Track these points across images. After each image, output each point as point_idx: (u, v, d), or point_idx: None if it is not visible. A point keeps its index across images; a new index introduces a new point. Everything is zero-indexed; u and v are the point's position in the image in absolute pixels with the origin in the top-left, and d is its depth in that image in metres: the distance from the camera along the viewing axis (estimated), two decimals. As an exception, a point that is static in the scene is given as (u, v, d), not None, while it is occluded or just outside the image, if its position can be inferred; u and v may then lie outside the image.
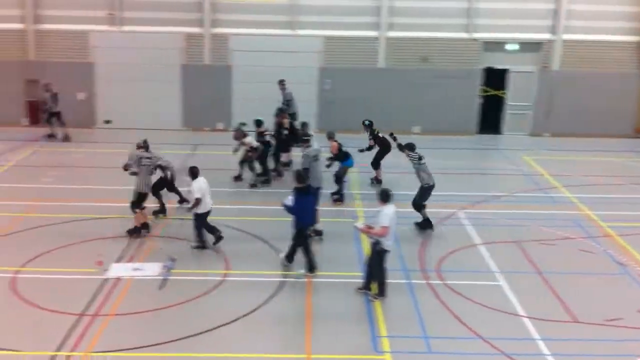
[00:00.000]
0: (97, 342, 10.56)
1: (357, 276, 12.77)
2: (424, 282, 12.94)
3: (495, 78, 25.56)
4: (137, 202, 14.68)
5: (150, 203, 15.27)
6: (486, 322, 11.47)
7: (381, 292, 12.15)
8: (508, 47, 25.33)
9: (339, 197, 17.36)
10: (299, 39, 24.91)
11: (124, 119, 24.79)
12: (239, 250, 14.15)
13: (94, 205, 16.29)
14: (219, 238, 14.16)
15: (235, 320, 11.35)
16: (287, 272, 13.15)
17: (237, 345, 10.68)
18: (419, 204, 15.54)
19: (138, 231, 14.71)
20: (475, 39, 25.00)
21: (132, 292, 12.25)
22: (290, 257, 13.35)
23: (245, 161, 18.33)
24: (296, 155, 19.55)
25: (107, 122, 25.03)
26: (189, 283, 12.66)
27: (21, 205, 16.28)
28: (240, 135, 18.03)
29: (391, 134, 17.50)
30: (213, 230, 14.19)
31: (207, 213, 14.01)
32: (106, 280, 12.65)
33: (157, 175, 15.70)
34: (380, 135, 18.65)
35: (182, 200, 16.14)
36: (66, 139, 23.10)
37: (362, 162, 18.72)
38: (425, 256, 14.13)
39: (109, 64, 24.69)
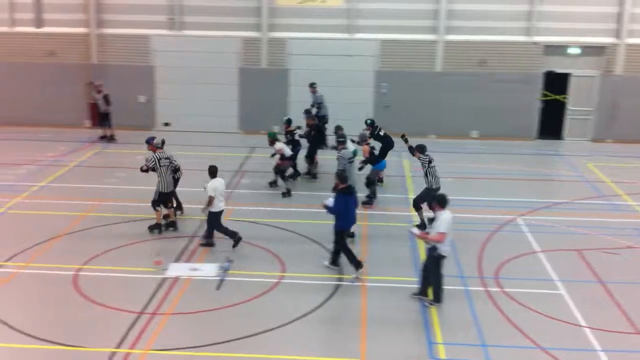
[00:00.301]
0: (155, 340, 10.72)
1: (413, 281, 12.66)
2: (482, 289, 12.73)
3: (556, 82, 25.02)
4: (158, 201, 15.07)
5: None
6: (546, 331, 11.22)
7: (437, 298, 12.01)
8: (570, 50, 24.75)
9: (368, 200, 17.19)
10: (355, 42, 24.87)
11: (182, 122, 25.19)
12: (295, 253, 14.19)
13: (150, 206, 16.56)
14: (237, 240, 14.31)
15: (291, 322, 11.38)
16: (342, 275, 13.12)
17: (292, 348, 10.70)
18: (417, 203, 15.54)
19: (159, 227, 15.07)
20: (536, 43, 24.52)
21: (189, 292, 12.41)
22: (335, 261, 13.37)
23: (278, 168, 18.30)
24: (321, 157, 19.81)
25: (166, 124, 25.46)
26: (245, 284, 12.75)
27: (82, 204, 16.67)
28: (271, 141, 18.06)
29: (403, 136, 17.15)
30: (229, 232, 14.33)
31: (220, 212, 14.20)
32: (164, 279, 12.84)
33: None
34: (381, 133, 18.25)
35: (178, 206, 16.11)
36: (111, 139, 23.61)
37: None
38: (483, 263, 13.90)
39: (168, 67, 25.13)
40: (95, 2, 24.74)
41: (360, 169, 17.11)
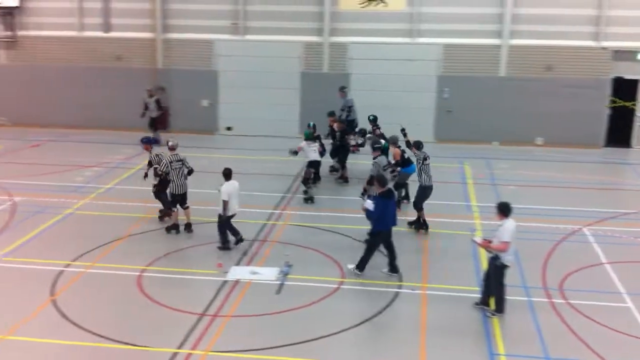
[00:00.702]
0: (215, 341, 10.84)
1: (475, 291, 12.45)
2: (546, 300, 12.42)
3: (625, 88, 24.29)
4: (172, 202, 15.46)
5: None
6: (612, 346, 10.86)
7: (499, 309, 11.77)
8: (640, 56, 24.06)
9: (403, 199, 17.38)
10: (417, 47, 24.70)
11: (243, 126, 25.48)
12: (355, 259, 14.13)
13: (213, 209, 16.77)
14: (223, 248, 14.43)
15: (350, 328, 11.34)
16: (402, 283, 13.02)
17: (350, 354, 10.67)
18: (418, 204, 15.67)
19: (176, 227, 15.40)
20: (604, 48, 23.87)
21: (250, 295, 12.50)
22: (362, 267, 13.37)
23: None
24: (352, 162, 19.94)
25: (228, 128, 25.78)
26: (304, 289, 12.76)
27: (146, 207, 17.00)
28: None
29: (402, 130, 17.28)
30: (225, 238, 14.44)
31: (231, 216, 14.35)
32: (225, 282, 12.98)
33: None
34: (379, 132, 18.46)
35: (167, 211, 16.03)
36: (156, 142, 24.07)
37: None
38: (547, 273, 13.57)
39: (231, 71, 25.46)
40: (161, 7, 25.28)
41: (392, 171, 16.40)
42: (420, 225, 15.79)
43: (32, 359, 10.21)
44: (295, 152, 18.32)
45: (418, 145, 15.71)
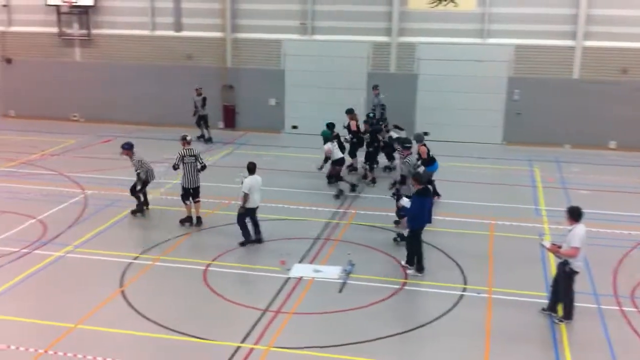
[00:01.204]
0: (277, 337, 10.91)
1: (542, 296, 12.15)
2: (616, 308, 12.01)
3: None
4: (184, 195, 15.80)
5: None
6: (688, 358, 10.43)
7: (567, 315, 11.45)
8: None
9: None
10: (488, 47, 24.29)
11: (309, 125, 25.52)
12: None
13: (277, 207, 16.90)
14: (244, 243, 14.59)
15: (411, 330, 11.23)
16: (466, 285, 12.81)
17: (413, 354, 10.58)
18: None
19: (189, 220, 15.81)
20: (683, 50, 22.98)
21: (312, 293, 12.54)
22: (420, 267, 13.30)
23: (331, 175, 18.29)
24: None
25: (294, 127, 25.92)
26: (367, 289, 12.72)
27: (214, 202, 17.25)
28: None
29: (395, 126, 18.22)
30: (246, 232, 14.61)
31: (254, 209, 14.53)
32: (288, 279, 13.05)
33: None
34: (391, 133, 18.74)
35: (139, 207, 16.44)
36: (209, 140, 24.37)
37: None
38: (618, 281, 13.13)
39: (298, 71, 25.59)
40: (231, 7, 25.62)
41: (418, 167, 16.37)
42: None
43: (100, 348, 10.48)
44: (327, 159, 17.96)
45: (404, 143, 15.67)
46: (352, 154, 19.87)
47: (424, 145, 17.15)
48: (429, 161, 16.99)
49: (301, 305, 12.03)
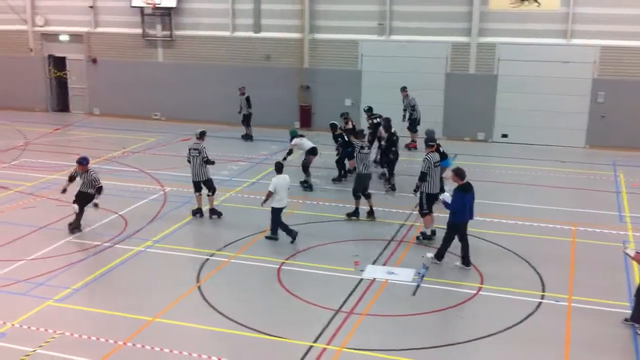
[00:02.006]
0: (350, 338, 10.86)
1: (625, 306, 11.69)
2: None
3: None
4: (195, 189, 16.25)
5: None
6: None
7: (652, 327, 10.98)
8: None
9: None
10: (572, 48, 23.60)
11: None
12: (495, 265, 13.72)
13: (350, 208, 16.84)
14: (293, 237, 14.77)
15: (486, 337, 10.97)
16: (544, 293, 12.45)
17: (488, 363, 10.34)
18: (356, 191, 16.27)
19: (199, 212, 16.34)
20: None
21: (385, 295, 12.44)
22: (440, 256, 13.55)
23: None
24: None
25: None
26: (441, 293, 12.54)
27: (289, 202, 17.32)
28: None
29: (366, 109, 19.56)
30: (286, 229, 14.78)
31: (281, 209, 14.71)
32: (361, 280, 12.99)
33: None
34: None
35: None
36: (249, 138, 24.69)
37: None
38: None
39: (375, 72, 25.50)
40: (309, 8, 25.76)
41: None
42: (355, 213, 16.26)
43: (177, 342, 10.69)
44: (290, 152, 18.80)
45: (357, 134, 16.82)
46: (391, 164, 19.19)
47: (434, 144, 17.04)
48: (441, 158, 16.62)
49: (374, 307, 11.96)
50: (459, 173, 13.34)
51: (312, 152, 18.79)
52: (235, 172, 20.38)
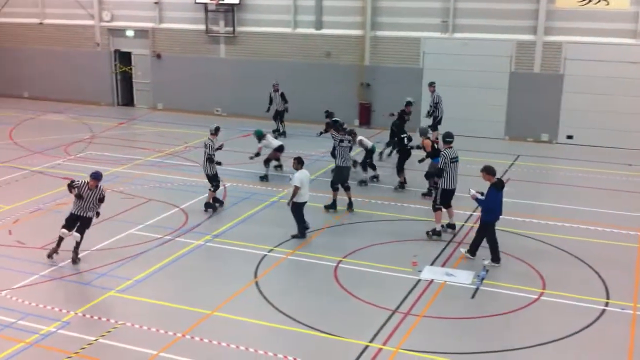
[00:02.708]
0: (406, 340, 10.77)
1: (695, 317, 11.25)
2: None
3: None
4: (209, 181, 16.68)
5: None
6: None
7: None
8: None
9: (427, 192, 17.63)
10: (644, 48, 22.85)
11: (445, 125, 24.98)
12: (558, 270, 13.40)
13: (412, 207, 16.70)
14: (303, 233, 14.93)
15: (547, 343, 10.72)
16: (608, 300, 12.08)
17: (549, 370, 10.09)
18: (334, 183, 16.67)
19: (210, 206, 16.59)
20: None
21: (443, 297, 12.29)
22: (473, 251, 13.65)
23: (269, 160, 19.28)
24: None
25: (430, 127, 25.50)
26: (501, 296, 12.32)
27: (346, 200, 17.31)
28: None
29: (327, 112, 19.67)
30: (304, 224, 14.94)
31: (303, 203, 14.79)
32: (419, 281, 12.87)
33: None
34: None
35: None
36: (282, 134, 24.77)
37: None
38: None
39: (436, 69, 25.17)
40: (371, 5, 25.62)
41: (421, 161, 17.19)
42: (332, 205, 16.61)
43: (234, 336, 10.79)
44: (257, 154, 19.06)
45: (338, 128, 17.00)
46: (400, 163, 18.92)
47: (428, 138, 17.44)
48: (435, 153, 16.84)
49: (431, 309, 11.83)
50: (490, 170, 13.35)
51: (280, 149, 19.26)
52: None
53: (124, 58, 30.48)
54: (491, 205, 13.22)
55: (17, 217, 16.19)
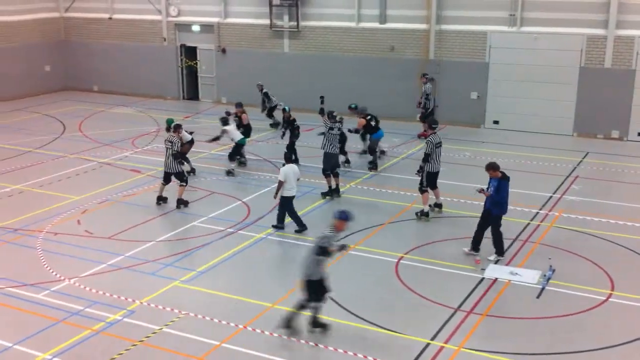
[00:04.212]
0: (469, 339, 10.60)
1: None
2: None
3: None
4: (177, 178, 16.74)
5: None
6: None
7: None
8: None
9: (372, 165, 19.53)
10: None
11: (511, 121, 24.63)
12: (627, 270, 12.96)
13: (475, 204, 16.40)
14: (301, 230, 14.95)
15: (616, 346, 10.41)
16: (683, 305, 11.63)
17: (618, 375, 9.78)
18: (325, 170, 17.07)
19: (183, 203, 16.57)
20: None
21: (507, 296, 12.06)
22: (500, 251, 13.44)
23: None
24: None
25: (496, 122, 25.09)
26: (567, 297, 11.99)
27: (409, 195, 17.16)
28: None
29: (321, 97, 19.50)
30: (298, 220, 15.04)
31: (291, 198, 14.91)
32: (482, 279, 12.65)
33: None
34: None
35: None
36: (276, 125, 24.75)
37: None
38: None
39: (503, 64, 24.67)
40: (437, -2, 25.29)
41: (353, 131, 19.87)
42: (331, 192, 17.11)
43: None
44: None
45: (329, 115, 17.62)
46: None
47: (364, 117, 19.52)
48: (374, 129, 19.56)
49: (495, 308, 11.62)
50: (496, 166, 13.22)
51: (191, 142, 18.89)
52: (355, 163, 20.35)
53: (190, 53, 30.94)
54: (504, 199, 13.12)
55: (85, 207, 16.64)
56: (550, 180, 18.56)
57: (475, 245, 13.61)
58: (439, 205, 16.14)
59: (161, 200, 16.81)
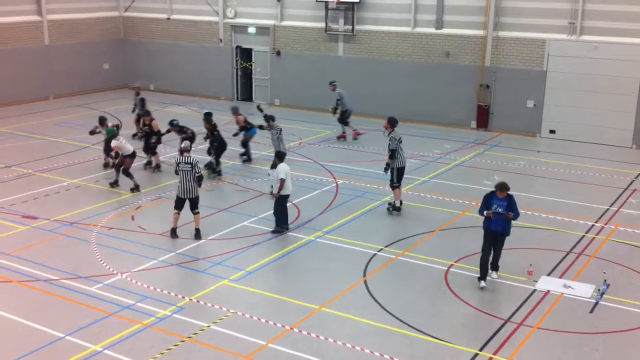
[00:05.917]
0: (519, 351, 10.41)
1: None
2: None
3: None
4: (175, 205, 15.40)
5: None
6: None
7: None
8: None
9: (247, 158, 20.57)
10: None
11: (568, 130, 24.13)
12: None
13: (532, 215, 16.12)
14: (278, 231, 15.00)
15: (674, 366, 10.07)
16: None
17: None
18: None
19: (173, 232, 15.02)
20: None
21: (559, 309, 11.79)
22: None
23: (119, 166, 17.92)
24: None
25: (552, 132, 24.61)
26: (621, 313, 11.67)
27: (460, 203, 16.99)
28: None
29: (258, 106, 21.34)
30: (284, 220, 15.09)
31: (287, 196, 15.02)
32: (534, 291, 12.40)
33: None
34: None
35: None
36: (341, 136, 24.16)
37: None
38: None
39: (561, 73, 24.19)
40: (495, 5, 24.94)
41: (235, 134, 20.63)
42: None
43: (340, 333, 10.81)
44: (117, 154, 17.87)
45: (273, 119, 18.83)
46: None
47: (241, 115, 20.45)
48: (248, 127, 20.29)
49: (546, 321, 11.37)
50: (505, 187, 12.27)
51: (131, 156, 17.85)
52: (409, 168, 20.19)
53: (245, 54, 31.23)
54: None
55: (139, 204, 16.92)
56: (607, 193, 18.11)
57: (486, 272, 12.75)
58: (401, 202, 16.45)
59: (174, 234, 14.72)
